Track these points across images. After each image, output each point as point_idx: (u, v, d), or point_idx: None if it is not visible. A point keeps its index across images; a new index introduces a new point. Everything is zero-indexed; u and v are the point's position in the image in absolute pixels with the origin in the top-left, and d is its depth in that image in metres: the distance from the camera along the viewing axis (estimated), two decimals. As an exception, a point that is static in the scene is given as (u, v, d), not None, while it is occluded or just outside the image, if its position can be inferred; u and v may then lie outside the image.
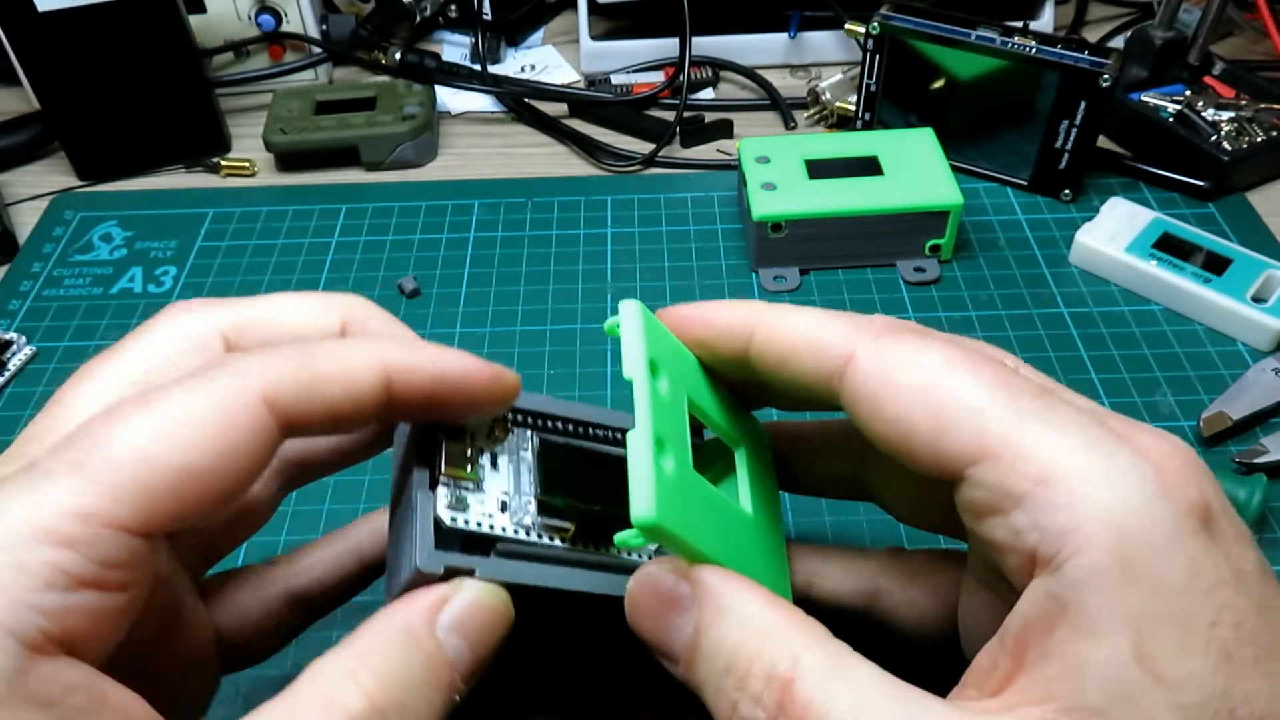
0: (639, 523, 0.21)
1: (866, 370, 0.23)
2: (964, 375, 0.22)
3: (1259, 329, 0.48)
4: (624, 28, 0.74)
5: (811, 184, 0.53)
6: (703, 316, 0.27)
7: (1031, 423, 0.21)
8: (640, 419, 0.23)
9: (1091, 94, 0.53)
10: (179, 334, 0.25)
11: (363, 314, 0.27)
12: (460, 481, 0.25)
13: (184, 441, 0.21)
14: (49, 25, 0.56)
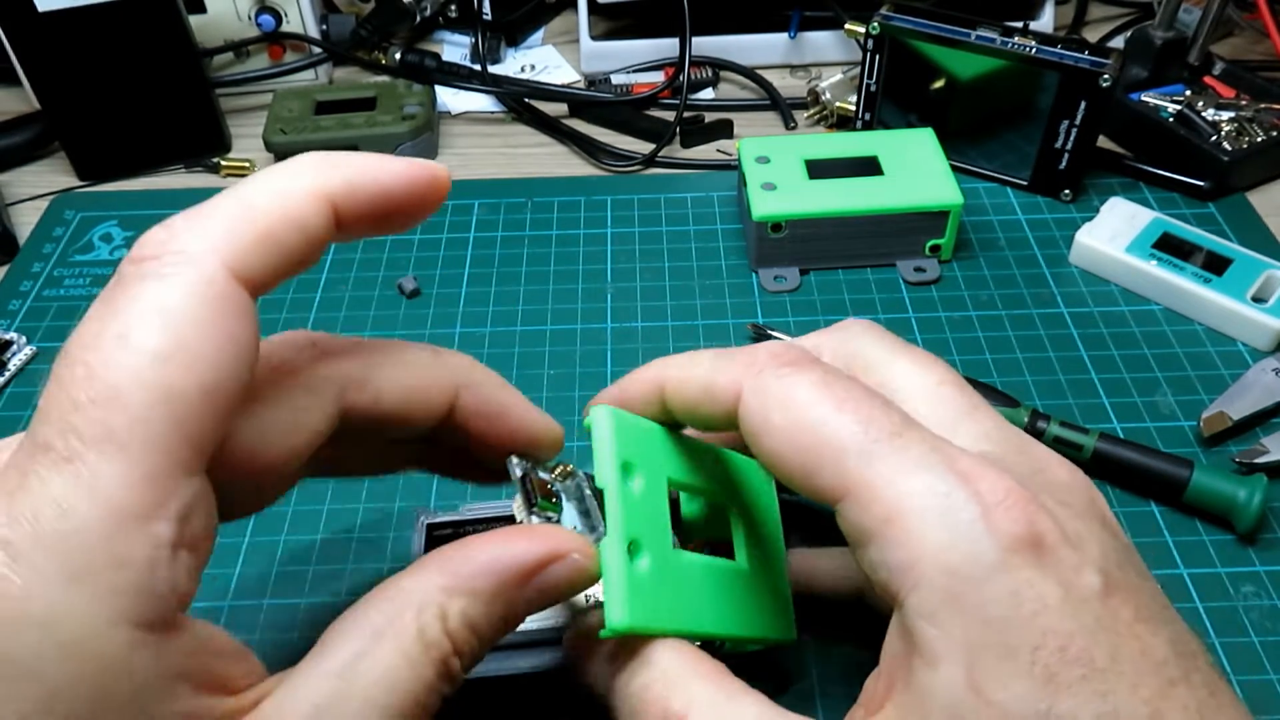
0: (613, 628, 0.24)
1: (749, 410, 0.25)
2: (828, 416, 0.24)
3: (1259, 329, 0.48)
4: (624, 28, 0.74)
5: (811, 184, 0.53)
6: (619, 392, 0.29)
7: (883, 463, 0.23)
8: (611, 529, 0.25)
9: (1091, 94, 0.53)
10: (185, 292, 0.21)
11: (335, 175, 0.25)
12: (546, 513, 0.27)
13: (189, 361, 0.20)
14: (49, 25, 0.56)
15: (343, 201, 0.24)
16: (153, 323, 0.20)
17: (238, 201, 0.23)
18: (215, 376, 0.21)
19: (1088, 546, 0.23)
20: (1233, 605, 0.38)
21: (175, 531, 0.20)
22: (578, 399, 0.47)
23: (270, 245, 0.22)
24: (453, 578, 0.23)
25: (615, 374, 0.48)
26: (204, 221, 0.22)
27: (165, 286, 0.21)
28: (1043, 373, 0.48)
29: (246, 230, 0.22)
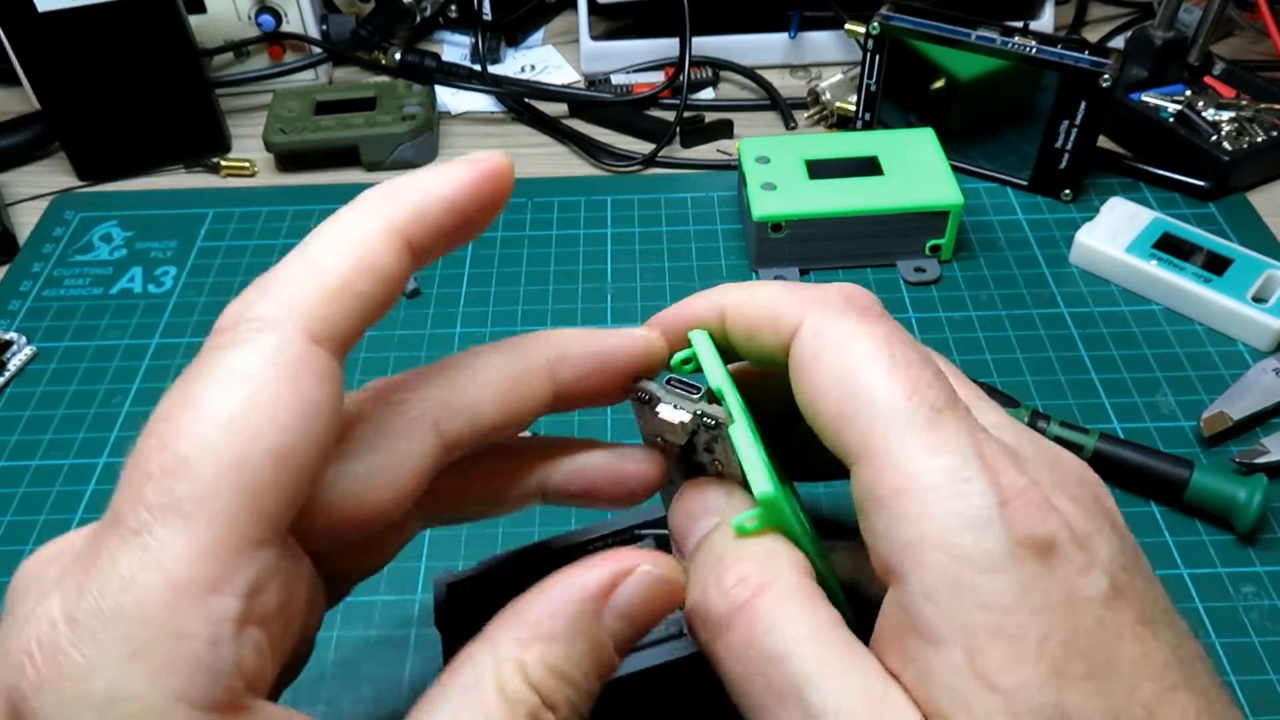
0: (763, 498, 0.23)
1: (803, 343, 0.24)
2: (879, 373, 0.23)
3: (1259, 329, 0.48)
4: (624, 28, 0.74)
5: (811, 184, 0.53)
6: (679, 310, 0.28)
7: (913, 435, 0.22)
8: (736, 415, 0.25)
9: (1091, 94, 0.53)
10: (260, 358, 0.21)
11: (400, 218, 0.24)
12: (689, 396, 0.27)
13: (258, 428, 0.20)
14: (49, 25, 0.56)
15: (413, 231, 0.23)
16: (224, 390, 0.20)
17: (305, 260, 0.22)
18: (289, 442, 0.20)
19: (1097, 548, 0.22)
20: (1233, 605, 0.38)
21: (241, 606, 0.19)
22: (578, 399, 0.47)
23: (346, 298, 0.22)
24: (523, 627, 0.22)
25: (615, 374, 0.48)
26: (275, 287, 0.21)
27: (238, 355, 0.20)
28: (1043, 373, 0.48)
29: (317, 288, 0.21)
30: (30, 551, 0.22)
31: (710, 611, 0.23)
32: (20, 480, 0.45)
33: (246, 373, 0.20)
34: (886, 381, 0.23)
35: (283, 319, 0.21)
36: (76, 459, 0.45)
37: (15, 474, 0.45)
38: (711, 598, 0.23)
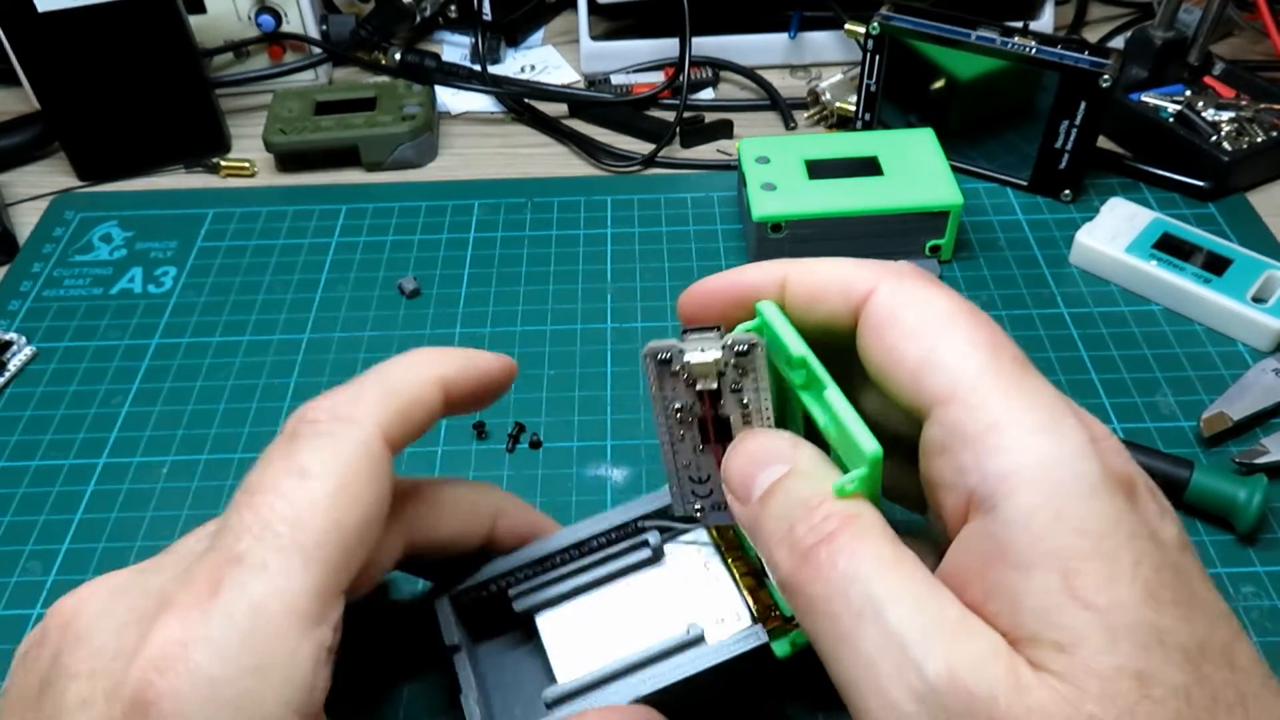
0: (872, 457, 0.24)
1: (881, 302, 0.26)
2: (962, 327, 0.25)
3: (1259, 329, 0.48)
4: (624, 28, 0.74)
5: (811, 184, 0.53)
6: (737, 276, 0.29)
7: (1001, 381, 0.24)
8: (827, 380, 0.26)
9: (1091, 94, 0.53)
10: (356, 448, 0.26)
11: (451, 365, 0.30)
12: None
13: (353, 501, 0.25)
14: (49, 25, 0.56)
15: (452, 386, 0.30)
16: (330, 467, 0.25)
17: (382, 384, 0.28)
18: (371, 515, 0.26)
19: (1165, 504, 0.24)
20: (1233, 606, 0.38)
21: (333, 639, 0.24)
22: (578, 399, 0.47)
23: (406, 419, 0.28)
24: None
25: (615, 374, 0.48)
26: (362, 395, 0.27)
27: (337, 441, 0.26)
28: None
29: (391, 406, 0.27)
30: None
31: (798, 543, 0.24)
32: (20, 480, 0.45)
33: (346, 456, 0.26)
34: (973, 333, 0.25)
35: (367, 421, 0.27)
36: (76, 459, 0.45)
37: (15, 474, 0.45)
38: (799, 533, 0.24)
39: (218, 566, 0.24)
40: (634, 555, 0.34)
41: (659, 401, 0.28)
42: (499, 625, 0.34)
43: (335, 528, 0.24)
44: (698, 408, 0.28)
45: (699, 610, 0.33)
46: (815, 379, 0.26)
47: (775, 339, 0.27)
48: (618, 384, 0.48)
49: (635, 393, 0.47)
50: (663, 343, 0.27)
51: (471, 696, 0.31)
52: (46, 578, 0.41)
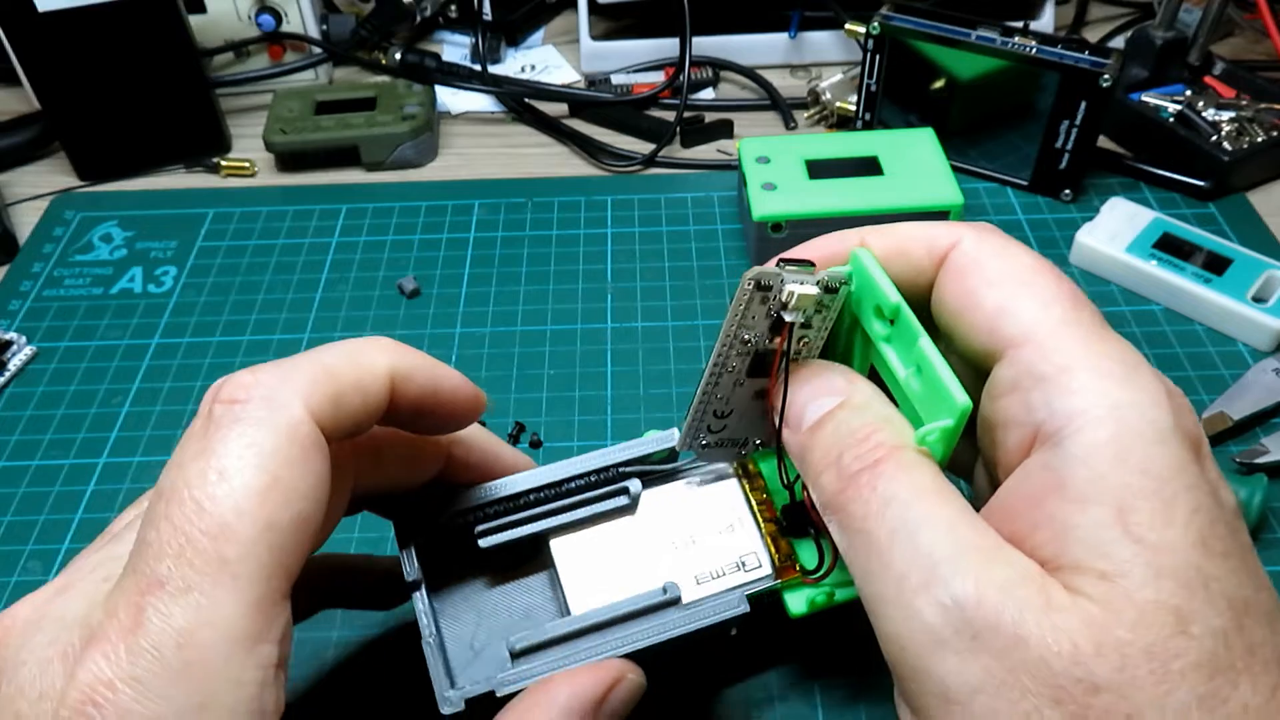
0: (964, 408, 0.25)
1: (966, 250, 0.27)
2: (1044, 280, 0.26)
3: (1259, 329, 0.48)
4: (624, 28, 0.74)
5: (812, 184, 0.53)
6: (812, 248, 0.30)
7: (1079, 330, 0.24)
8: (920, 330, 0.27)
9: (1092, 94, 0.53)
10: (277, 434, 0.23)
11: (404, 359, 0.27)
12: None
13: (285, 497, 0.22)
14: (49, 25, 0.56)
15: (403, 384, 0.26)
16: (251, 461, 0.22)
17: (318, 362, 0.25)
18: (305, 509, 0.23)
19: (1220, 473, 0.24)
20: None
21: (279, 653, 0.22)
22: (578, 399, 0.47)
23: (340, 405, 0.24)
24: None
25: (615, 374, 0.48)
26: (292, 373, 0.24)
27: (259, 429, 0.23)
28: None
29: (325, 387, 0.24)
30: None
31: (845, 469, 0.25)
32: (20, 480, 0.45)
33: (269, 446, 0.22)
34: (1056, 287, 0.25)
35: (295, 403, 0.23)
36: (76, 459, 0.45)
37: (15, 474, 0.45)
38: (846, 459, 0.25)
39: (140, 593, 0.21)
40: (612, 502, 0.33)
41: (734, 326, 0.28)
42: (464, 563, 0.32)
43: (266, 532, 0.22)
44: (763, 340, 0.29)
45: (721, 553, 0.32)
46: (907, 328, 0.27)
47: (870, 285, 0.28)
48: (618, 384, 0.48)
49: (635, 392, 0.47)
50: (766, 269, 0.27)
51: (431, 640, 0.29)
52: (46, 578, 0.41)
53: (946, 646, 0.21)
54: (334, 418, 0.24)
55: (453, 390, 0.28)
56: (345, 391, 0.25)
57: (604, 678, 0.27)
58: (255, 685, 0.21)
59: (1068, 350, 0.24)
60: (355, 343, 0.26)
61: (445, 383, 0.28)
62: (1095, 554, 0.21)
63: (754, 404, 0.31)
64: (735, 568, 0.32)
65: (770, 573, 0.32)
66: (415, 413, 0.27)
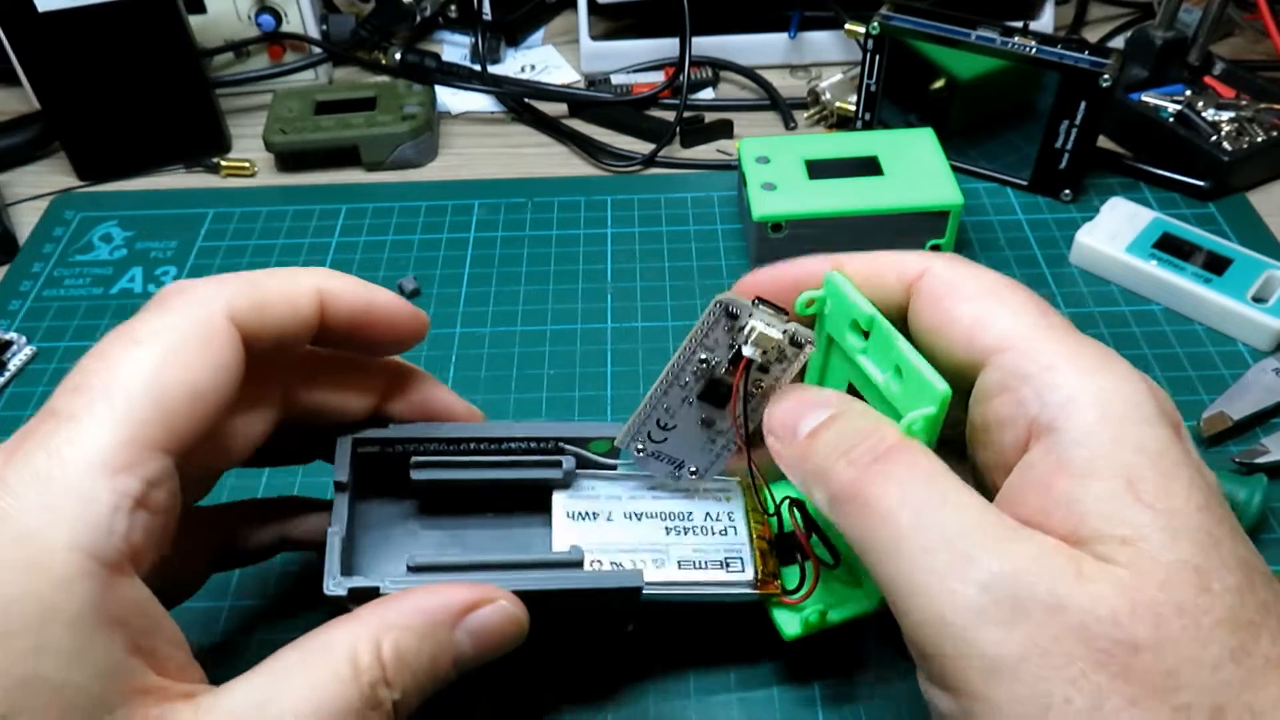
0: (944, 396, 0.26)
1: (937, 274, 0.29)
2: (1014, 294, 0.28)
3: (1259, 329, 0.48)
4: (624, 28, 0.74)
5: (811, 184, 0.53)
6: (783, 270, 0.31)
7: (1053, 332, 0.26)
8: (894, 333, 0.28)
9: (1091, 94, 0.53)
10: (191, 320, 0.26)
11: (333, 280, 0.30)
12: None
13: (182, 364, 0.25)
14: (49, 25, 0.56)
15: (333, 301, 0.29)
16: (160, 334, 0.26)
17: (248, 275, 0.28)
18: (201, 383, 0.25)
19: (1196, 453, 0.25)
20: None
21: (140, 490, 0.24)
22: (578, 399, 0.47)
23: (263, 308, 0.28)
24: (389, 615, 0.26)
25: (615, 374, 0.48)
26: (218, 279, 0.28)
27: (175, 314, 0.26)
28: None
29: (249, 293, 0.27)
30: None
31: (857, 460, 0.26)
32: (20, 480, 0.45)
33: (180, 327, 0.26)
34: (1024, 296, 0.27)
35: (214, 299, 0.27)
36: (76, 459, 0.45)
37: (15, 474, 0.45)
38: (857, 452, 0.26)
39: (36, 421, 0.24)
40: (545, 471, 0.34)
41: (694, 344, 0.30)
42: (392, 490, 0.34)
43: (156, 386, 0.24)
44: (720, 367, 0.30)
45: (710, 549, 0.33)
46: (882, 333, 0.28)
47: (844, 303, 0.30)
48: (617, 384, 0.48)
49: (635, 392, 0.47)
50: (738, 299, 0.29)
51: (338, 533, 0.30)
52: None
53: (988, 620, 0.22)
54: (257, 321, 0.27)
55: (386, 308, 0.30)
56: (271, 301, 0.28)
57: (472, 594, 0.28)
58: (105, 506, 0.23)
59: (1048, 350, 0.25)
60: (292, 268, 0.30)
61: (378, 301, 0.30)
62: (1113, 522, 0.22)
63: (698, 430, 0.32)
64: (719, 566, 0.33)
65: (751, 579, 0.33)
66: (350, 330, 0.30)
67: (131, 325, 0.26)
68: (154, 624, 0.24)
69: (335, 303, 0.29)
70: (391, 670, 0.25)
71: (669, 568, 0.33)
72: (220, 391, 0.26)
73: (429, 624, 0.27)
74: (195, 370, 0.25)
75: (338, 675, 0.25)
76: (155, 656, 0.24)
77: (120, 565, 0.23)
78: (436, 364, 0.49)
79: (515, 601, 0.29)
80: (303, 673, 0.25)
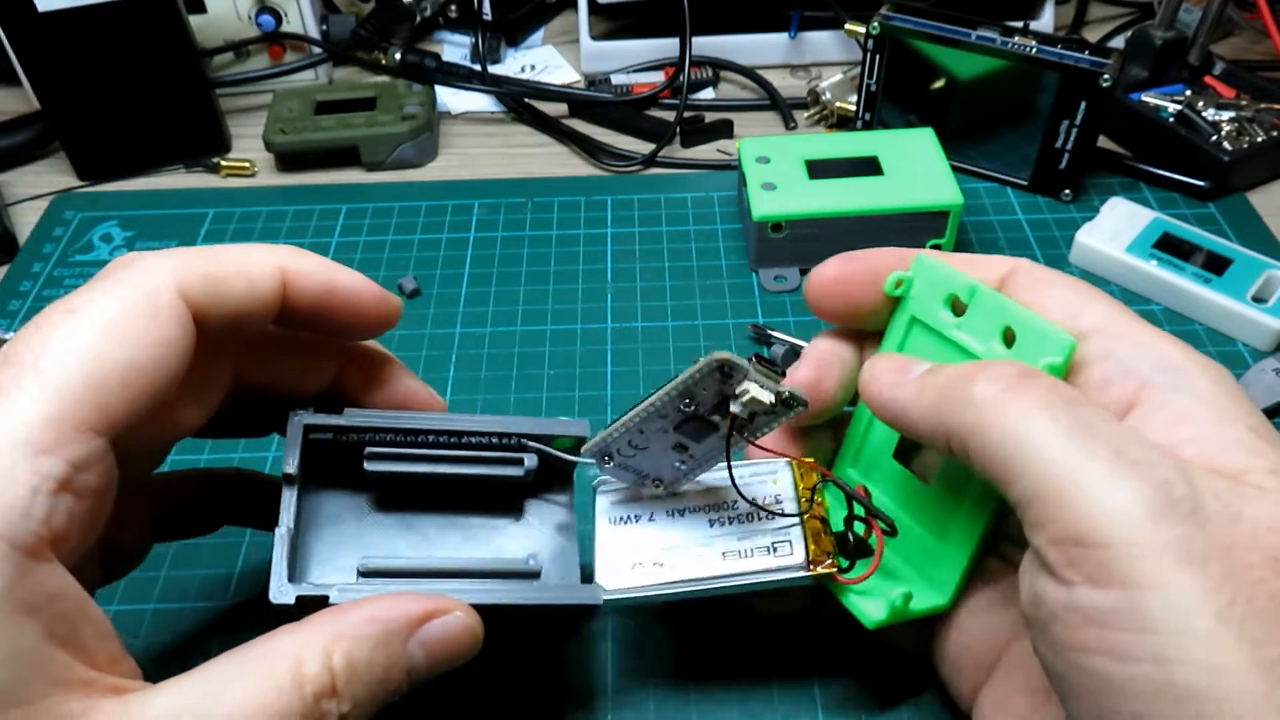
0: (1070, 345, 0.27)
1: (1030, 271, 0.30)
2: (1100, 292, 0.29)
3: (1259, 329, 0.48)
4: (624, 28, 0.74)
5: (812, 184, 0.53)
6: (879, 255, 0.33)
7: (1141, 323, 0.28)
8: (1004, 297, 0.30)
9: (1091, 94, 0.53)
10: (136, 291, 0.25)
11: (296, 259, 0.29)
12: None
13: (121, 338, 0.24)
14: (49, 25, 0.56)
15: (296, 280, 0.28)
16: (99, 306, 0.24)
17: (204, 249, 0.27)
18: (138, 358, 0.24)
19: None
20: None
21: (65, 472, 0.22)
22: (578, 399, 0.47)
23: (219, 286, 0.26)
24: (341, 624, 0.25)
25: (615, 374, 0.48)
26: (171, 252, 0.26)
27: (119, 287, 0.25)
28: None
29: (203, 267, 0.26)
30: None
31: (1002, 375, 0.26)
32: (20, 480, 0.45)
33: (122, 299, 0.24)
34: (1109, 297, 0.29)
35: (161, 272, 0.25)
36: (76, 459, 0.45)
37: (15, 474, 0.45)
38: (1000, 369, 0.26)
39: None
40: (506, 469, 0.32)
41: (682, 388, 0.29)
42: (345, 481, 0.32)
43: (91, 361, 0.23)
44: (704, 410, 0.30)
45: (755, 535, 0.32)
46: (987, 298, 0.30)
47: (939, 278, 0.31)
48: (617, 384, 0.48)
49: (635, 392, 0.47)
50: (737, 360, 0.28)
51: (285, 532, 0.28)
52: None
53: (1168, 518, 0.22)
54: (209, 296, 0.26)
55: (351, 289, 0.29)
56: (227, 277, 0.26)
57: (426, 605, 0.27)
58: (25, 488, 0.22)
59: (1142, 332, 0.27)
60: (254, 244, 0.28)
61: (342, 282, 0.29)
62: (1257, 456, 0.24)
63: (669, 452, 0.32)
64: (766, 551, 0.32)
65: (801, 561, 0.31)
66: (314, 312, 0.29)
67: (71, 297, 0.24)
68: (77, 612, 0.23)
69: (299, 282, 0.28)
70: (342, 681, 0.25)
71: (711, 559, 0.32)
72: (163, 370, 0.24)
73: (382, 635, 0.26)
74: (135, 347, 0.24)
75: (277, 683, 0.24)
76: (80, 647, 0.23)
77: (38, 550, 0.22)
78: (436, 364, 0.49)
79: (470, 613, 0.28)
80: (241, 679, 0.24)
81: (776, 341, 0.49)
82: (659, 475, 0.33)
